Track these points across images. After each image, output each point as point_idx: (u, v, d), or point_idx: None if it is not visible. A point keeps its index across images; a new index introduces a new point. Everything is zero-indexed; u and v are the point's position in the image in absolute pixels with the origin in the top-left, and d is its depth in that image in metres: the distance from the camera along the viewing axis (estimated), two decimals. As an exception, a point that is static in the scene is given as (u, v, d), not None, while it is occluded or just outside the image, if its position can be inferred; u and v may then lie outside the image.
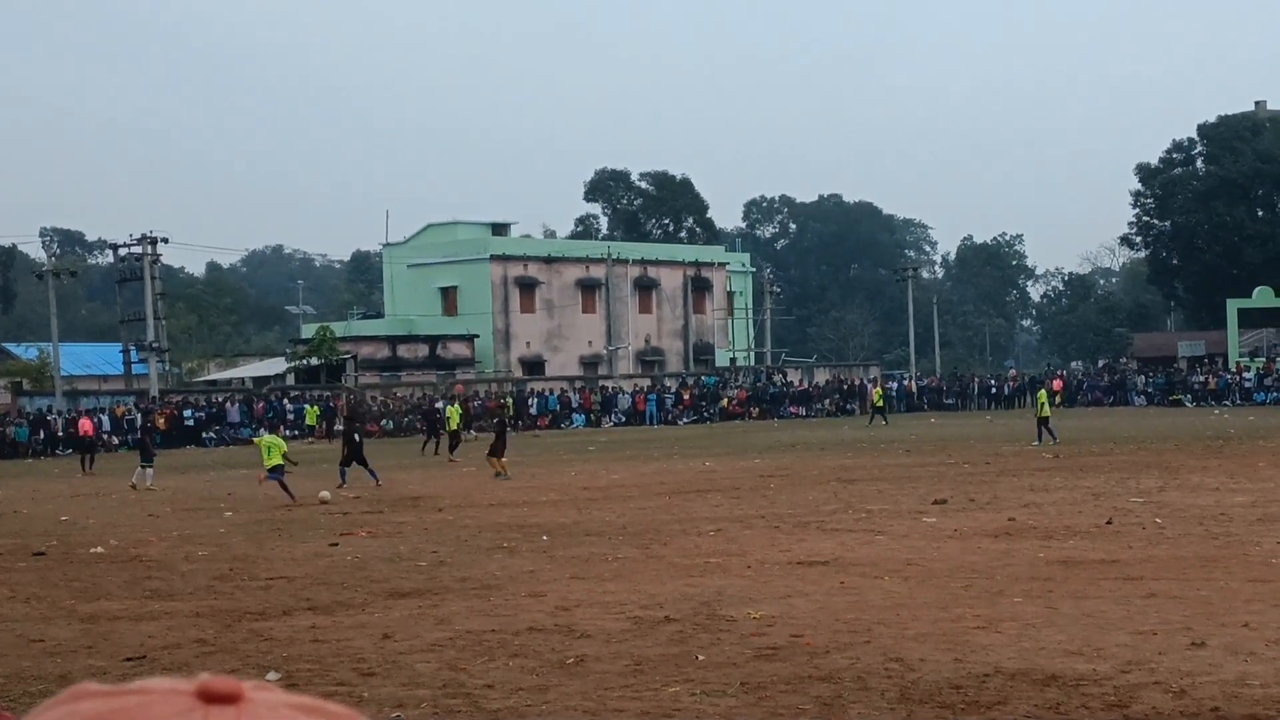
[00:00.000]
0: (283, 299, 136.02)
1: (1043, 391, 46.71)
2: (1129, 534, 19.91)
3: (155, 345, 69.75)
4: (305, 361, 78.60)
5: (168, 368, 75.68)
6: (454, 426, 47.52)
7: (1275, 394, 75.85)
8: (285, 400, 71.45)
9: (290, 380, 78.86)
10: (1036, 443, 42.23)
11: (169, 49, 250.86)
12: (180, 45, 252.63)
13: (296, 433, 67.43)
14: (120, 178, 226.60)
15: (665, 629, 13.26)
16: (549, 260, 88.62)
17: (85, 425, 51.36)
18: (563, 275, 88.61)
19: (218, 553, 21.16)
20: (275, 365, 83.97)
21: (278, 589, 17.04)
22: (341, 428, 37.41)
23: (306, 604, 15.69)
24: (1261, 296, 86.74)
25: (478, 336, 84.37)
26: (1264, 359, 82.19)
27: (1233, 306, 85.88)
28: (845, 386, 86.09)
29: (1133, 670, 10.81)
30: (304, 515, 26.96)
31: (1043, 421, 43.60)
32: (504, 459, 35.96)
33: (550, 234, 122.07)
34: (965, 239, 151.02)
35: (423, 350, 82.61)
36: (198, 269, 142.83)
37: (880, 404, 66.67)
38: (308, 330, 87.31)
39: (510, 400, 72.17)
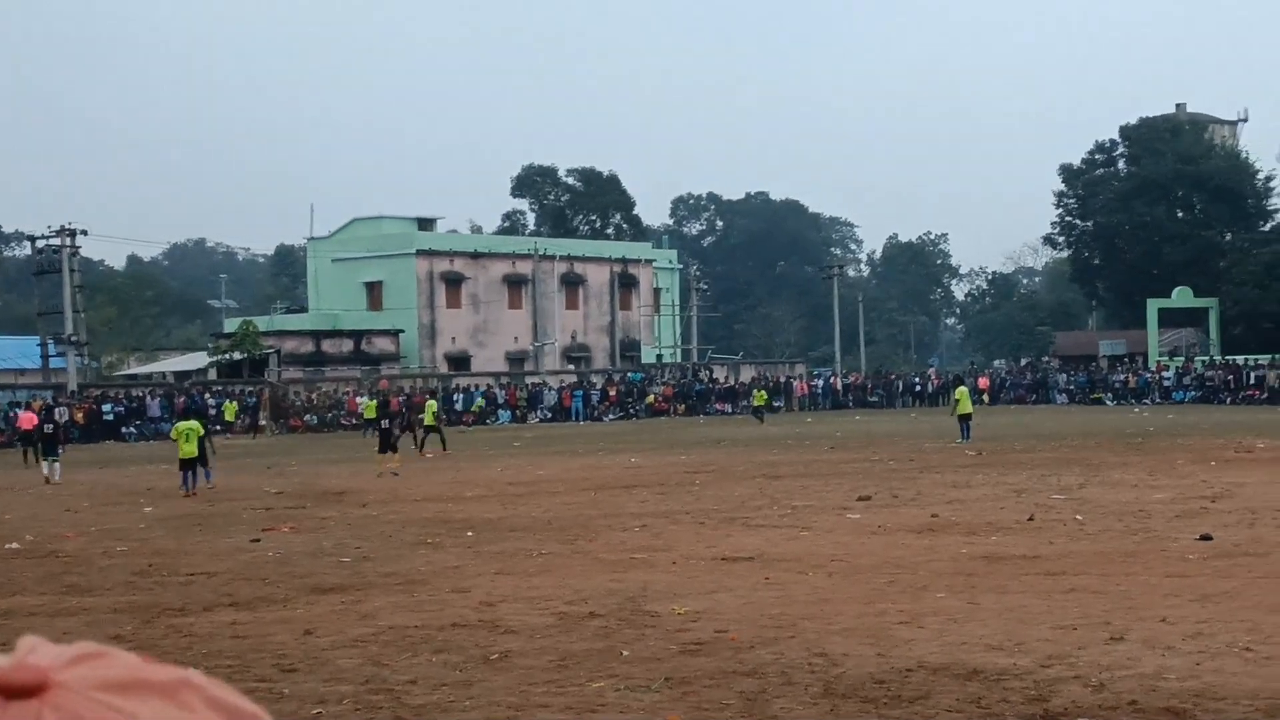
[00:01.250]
0: (205, 293, 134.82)
1: (961, 389, 46.57)
2: (1050, 530, 20.06)
3: (74, 339, 68.81)
4: (227, 356, 77.89)
5: (86, 361, 74.70)
6: (370, 416, 47.51)
7: (1194, 393, 76.75)
8: (207, 395, 70.80)
9: (212, 375, 78.17)
10: (960, 440, 42.50)
11: (89, 36, 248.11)
12: (101, 33, 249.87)
13: (218, 428, 66.85)
14: (39, 169, 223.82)
15: (590, 624, 13.24)
16: (475, 256, 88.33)
17: (29, 419, 50.44)
18: (489, 271, 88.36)
19: (137, 548, 20.91)
20: (197, 359, 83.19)
21: (198, 584, 16.87)
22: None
23: (228, 599, 15.55)
24: (1181, 296, 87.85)
25: (403, 332, 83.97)
26: (1183, 358, 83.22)
27: (1153, 306, 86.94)
28: (772, 383, 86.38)
29: (1053, 664, 10.89)
30: (226, 510, 26.75)
31: (963, 419, 43.79)
32: (397, 457, 35.80)
33: (477, 229, 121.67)
34: (891, 237, 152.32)
35: (347, 345, 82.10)
36: (118, 262, 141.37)
37: (761, 404, 67.45)
38: (230, 324, 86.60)
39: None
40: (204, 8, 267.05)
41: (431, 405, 48.98)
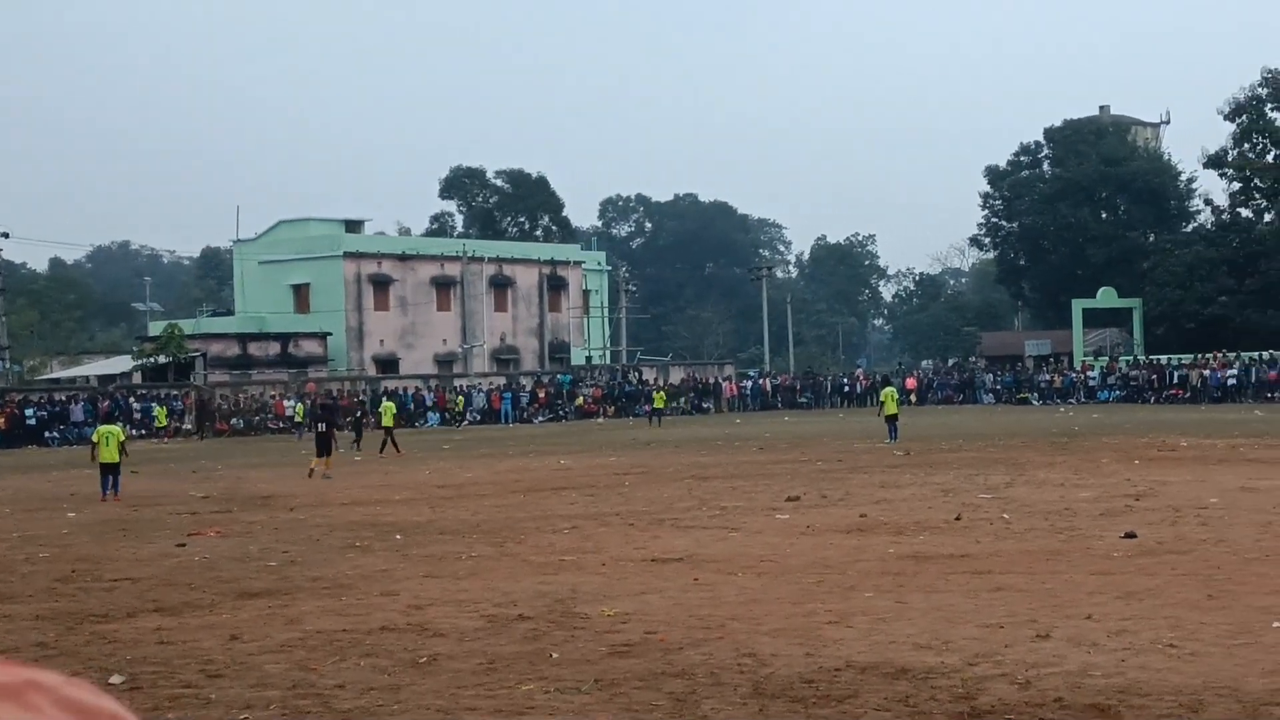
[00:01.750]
0: (129, 296, 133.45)
1: (888, 390, 46.74)
2: (977, 529, 20.14)
3: (-5, 342, 68.01)
4: (152, 359, 77.12)
5: (8, 365, 73.83)
6: (299, 420, 47.38)
7: (1119, 392, 77.44)
8: (131, 399, 70.07)
9: (137, 378, 77.38)
10: (888, 440, 42.68)
11: (9, 34, 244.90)
12: (22, 32, 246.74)
13: (144, 432, 66.25)
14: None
15: (519, 627, 13.20)
16: (403, 258, 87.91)
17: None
18: (417, 273, 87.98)
19: (60, 554, 20.66)
20: (121, 363, 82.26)
21: (122, 590, 16.66)
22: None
23: (152, 605, 15.36)
24: (1105, 297, 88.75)
25: (330, 334, 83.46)
26: (1107, 358, 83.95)
27: (1077, 306, 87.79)
28: (700, 385, 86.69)
29: (980, 662, 10.93)
30: (151, 515, 26.45)
31: (890, 420, 43.98)
32: (330, 460, 35.73)
33: (405, 231, 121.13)
34: (819, 239, 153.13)
35: (274, 348, 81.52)
36: (40, 265, 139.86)
37: (660, 405, 67.55)
38: (155, 327, 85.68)
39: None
40: (126, 6, 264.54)
41: (390, 407, 49.28)
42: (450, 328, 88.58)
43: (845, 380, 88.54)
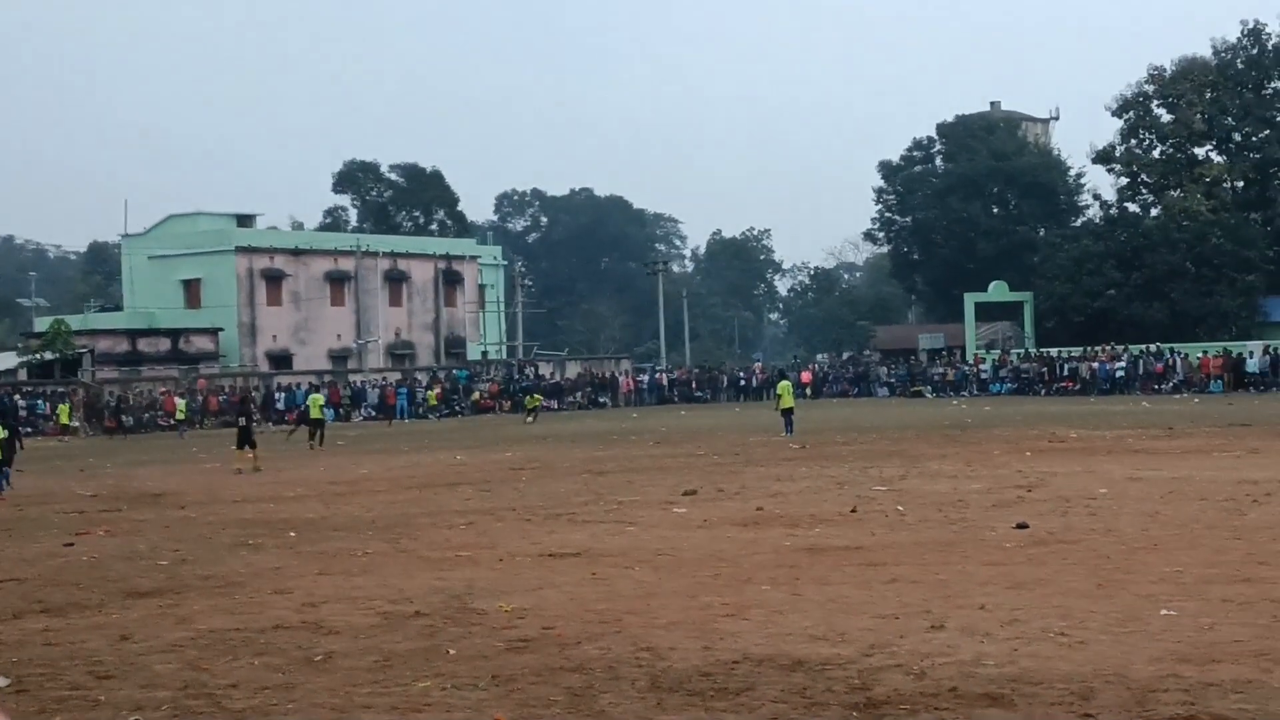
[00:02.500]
0: (14, 291, 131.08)
1: (784, 384, 46.85)
2: (872, 520, 20.23)
3: (-125, 339, 66.54)
4: (38, 356, 75.81)
5: (-111, 362, 72.28)
6: (181, 416, 47.33)
7: (1010, 385, 78.27)
8: (17, 395, 68.83)
9: (23, 375, 76.04)
10: (784, 434, 42.81)
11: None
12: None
13: (30, 430, 65.08)
14: None
15: (415, 623, 13.10)
16: (296, 252, 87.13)
17: None
18: (310, 268, 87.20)
19: (-57, 555, 20.20)
20: (6, 360, 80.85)
21: (7, 591, 16.30)
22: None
23: (38, 606, 15.06)
24: (997, 290, 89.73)
25: (222, 330, 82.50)
26: (999, 351, 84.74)
27: (970, 300, 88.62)
28: (597, 379, 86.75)
29: (875, 653, 10.99)
30: (37, 514, 25.97)
31: (786, 413, 44.16)
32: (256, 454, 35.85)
33: (298, 226, 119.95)
34: (715, 233, 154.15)
35: (164, 344, 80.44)
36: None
37: (534, 405, 67.23)
38: (41, 323, 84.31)
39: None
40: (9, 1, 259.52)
41: (317, 399, 49.81)
42: (345, 323, 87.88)
43: (741, 374, 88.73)
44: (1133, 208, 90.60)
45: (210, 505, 26.77)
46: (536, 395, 70.93)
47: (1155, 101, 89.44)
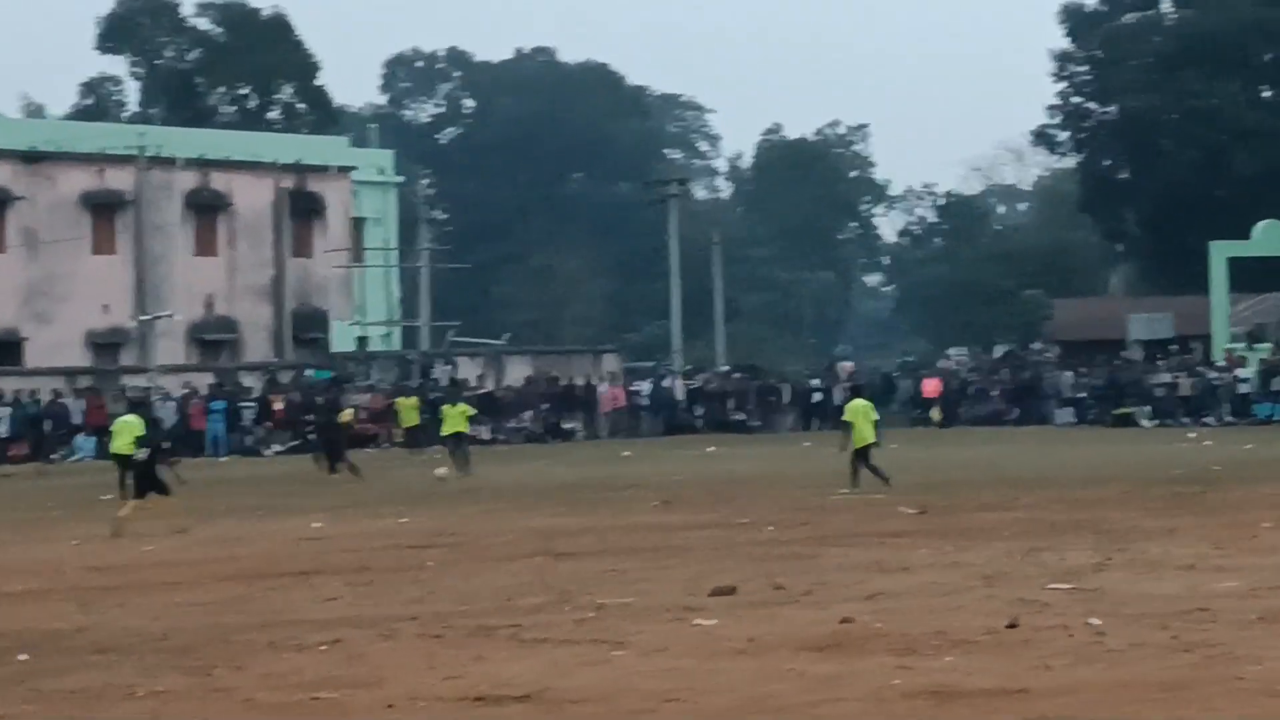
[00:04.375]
0: None
1: (856, 404, 42.03)
2: (1044, 644, 17.66)
3: None
4: None
5: None
6: None
7: (1291, 405, 74.69)
8: None
9: None
10: (850, 489, 39.13)
11: None
12: None
13: None
14: None
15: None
16: (31, 159, 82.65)
17: None
18: (57, 185, 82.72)
19: None
20: None
21: None
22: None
23: None
24: (1267, 238, 79.81)
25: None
26: (1271, 345, 77.21)
27: (1219, 254, 78.76)
28: (560, 389, 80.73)
29: None
30: None
31: (861, 455, 40.06)
32: None
33: (35, 112, 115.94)
34: (769, 133, 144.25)
35: None
36: None
37: (415, 424, 62.22)
38: None
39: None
40: None
41: (128, 425, 44.08)
42: (116, 284, 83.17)
43: (815, 382, 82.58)
44: None
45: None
46: (462, 406, 63.39)
47: None
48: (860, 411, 40.77)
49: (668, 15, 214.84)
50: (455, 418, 53.16)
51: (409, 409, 61.63)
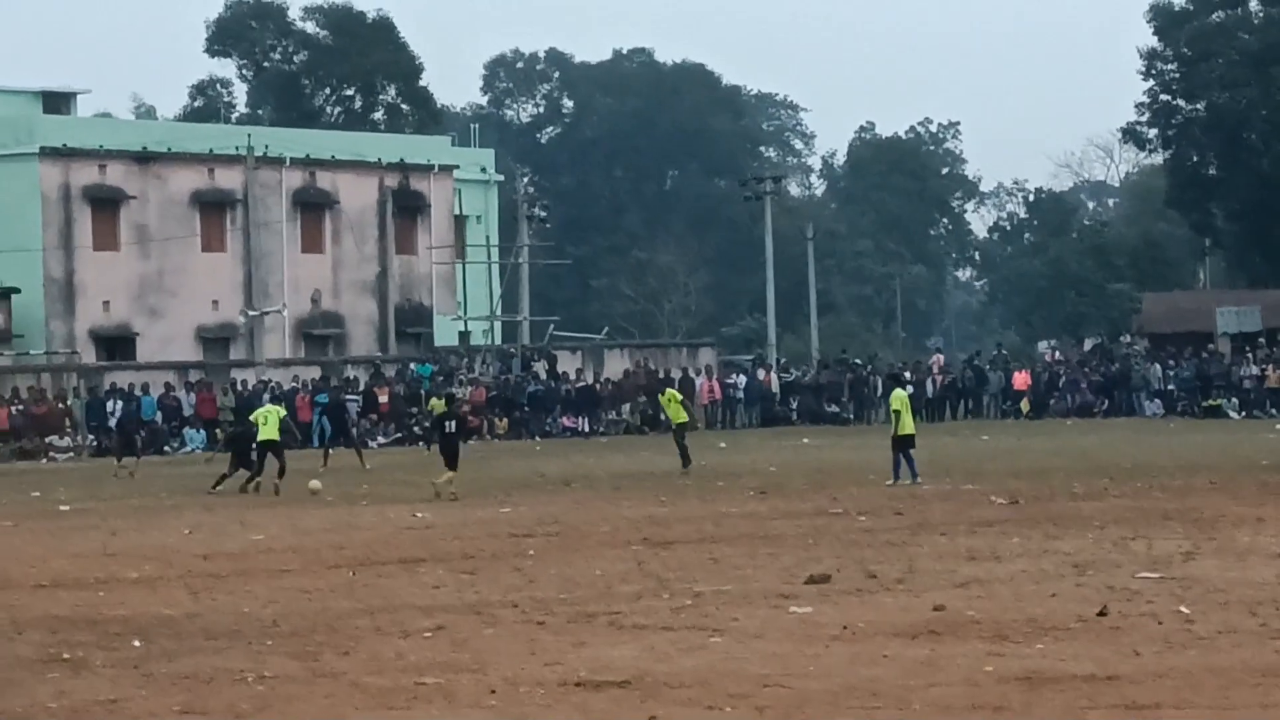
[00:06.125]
0: None
1: (899, 393, 46.88)
2: (1135, 631, 20.36)
3: None
4: None
5: None
6: None
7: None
8: None
9: None
10: (893, 481, 43.69)
11: None
12: None
13: None
14: None
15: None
16: (144, 159, 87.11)
17: None
18: (168, 185, 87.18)
19: None
20: None
21: None
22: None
23: None
24: None
25: (18, 292, 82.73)
26: None
27: None
28: (658, 380, 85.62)
29: None
30: None
31: (902, 444, 44.43)
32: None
33: (147, 112, 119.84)
34: (862, 130, 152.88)
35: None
36: None
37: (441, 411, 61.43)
38: None
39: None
40: None
41: (273, 412, 51.19)
42: (225, 281, 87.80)
43: (909, 374, 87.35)
44: None
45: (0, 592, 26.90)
46: (458, 398, 66.35)
47: None
48: (903, 401, 45.94)
49: (763, 14, 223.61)
50: (438, 405, 59.70)
51: (440, 409, 61.93)
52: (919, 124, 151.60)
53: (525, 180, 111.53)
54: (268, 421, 48.89)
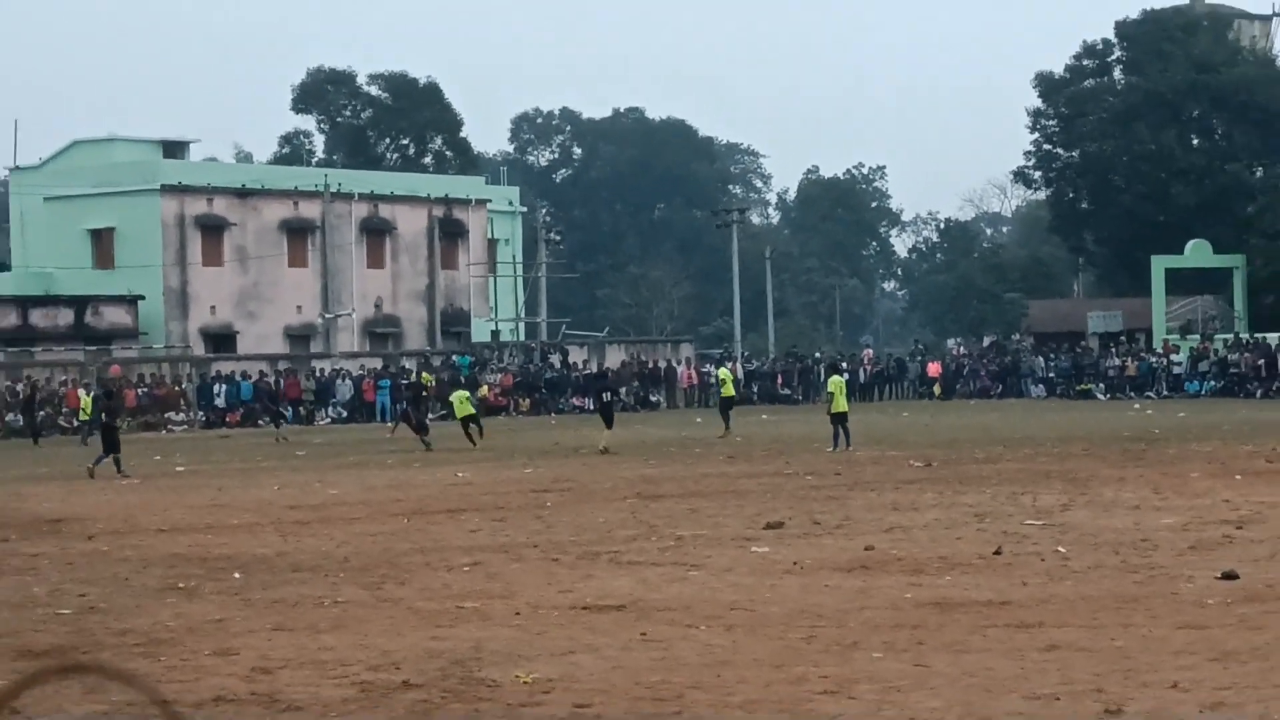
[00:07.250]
0: None
1: (836, 379, 47.34)
2: (1023, 566, 20.41)
3: None
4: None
5: None
6: (87, 415, 48.97)
7: (1214, 383, 77.44)
8: None
9: None
10: (832, 448, 43.60)
11: None
12: None
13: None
14: None
15: (403, 697, 13.16)
16: (243, 194, 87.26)
17: None
18: (262, 214, 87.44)
19: None
20: None
21: None
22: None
23: (-109, 671, 15.07)
24: (1196, 253, 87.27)
25: (143, 299, 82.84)
26: (1199, 336, 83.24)
27: (1159, 266, 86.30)
28: (648, 369, 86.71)
29: (1029, 747, 10.90)
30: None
31: (838, 419, 44.61)
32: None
33: (245, 157, 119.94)
34: (809, 172, 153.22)
35: (66, 316, 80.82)
36: None
37: (470, 413, 56.48)
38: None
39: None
40: None
41: (462, 396, 54.70)
42: (307, 290, 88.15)
43: (845, 365, 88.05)
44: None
45: (127, 535, 26.99)
46: (461, 393, 63.19)
47: None
48: (839, 385, 46.57)
49: (732, 80, 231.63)
50: (462, 403, 54.69)
51: (462, 400, 61.43)
52: (854, 167, 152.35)
53: (544, 212, 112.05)
54: (463, 402, 52.44)
